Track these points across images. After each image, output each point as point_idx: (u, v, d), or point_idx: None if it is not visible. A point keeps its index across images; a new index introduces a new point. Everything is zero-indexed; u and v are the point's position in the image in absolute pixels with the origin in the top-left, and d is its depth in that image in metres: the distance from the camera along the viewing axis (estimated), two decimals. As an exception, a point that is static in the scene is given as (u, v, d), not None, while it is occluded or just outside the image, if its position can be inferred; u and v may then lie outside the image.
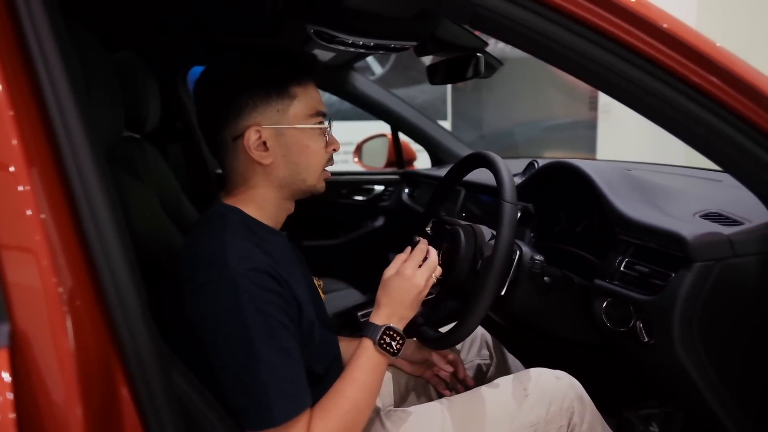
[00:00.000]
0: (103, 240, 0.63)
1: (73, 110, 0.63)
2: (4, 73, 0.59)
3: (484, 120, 5.64)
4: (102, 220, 0.63)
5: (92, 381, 0.59)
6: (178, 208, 1.79)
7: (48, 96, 0.62)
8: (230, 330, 0.82)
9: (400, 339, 0.96)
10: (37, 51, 0.62)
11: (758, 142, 0.78)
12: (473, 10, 0.79)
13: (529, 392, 1.05)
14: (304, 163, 0.95)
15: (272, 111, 0.92)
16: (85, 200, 0.63)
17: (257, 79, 0.92)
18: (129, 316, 0.62)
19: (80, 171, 0.63)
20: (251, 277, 0.83)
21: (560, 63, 0.85)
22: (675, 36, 0.78)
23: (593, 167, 1.24)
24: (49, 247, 0.59)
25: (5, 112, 0.59)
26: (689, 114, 0.80)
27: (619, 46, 0.80)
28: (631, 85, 0.81)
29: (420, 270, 0.98)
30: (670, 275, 0.96)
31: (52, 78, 0.62)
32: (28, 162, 0.59)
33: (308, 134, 0.95)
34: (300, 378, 0.86)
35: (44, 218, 0.59)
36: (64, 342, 0.57)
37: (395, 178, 2.62)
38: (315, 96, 0.97)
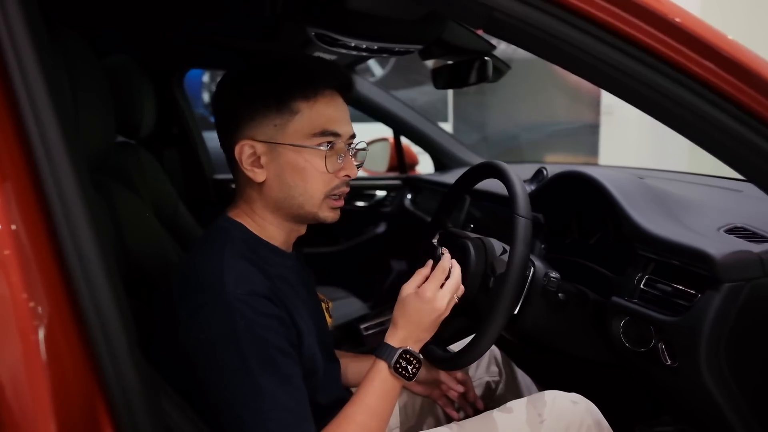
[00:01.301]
0: (85, 263, 0.58)
1: (51, 118, 0.59)
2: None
3: (485, 122, 5.59)
4: (83, 242, 0.58)
5: (74, 426, 0.53)
6: (175, 215, 1.74)
7: (23, 104, 0.58)
8: (225, 359, 0.76)
9: (417, 363, 0.90)
10: (11, 56, 0.57)
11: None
12: (488, 14, 0.74)
13: (545, 417, 1.00)
14: (301, 187, 0.88)
15: (269, 125, 0.86)
16: (64, 217, 0.58)
17: (257, 89, 0.86)
18: (113, 348, 0.57)
19: (58, 185, 0.58)
20: (249, 301, 0.78)
21: (579, 69, 0.80)
22: (708, 43, 0.73)
23: (608, 176, 1.18)
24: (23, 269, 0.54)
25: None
26: (719, 124, 0.75)
27: (644, 53, 0.75)
28: (654, 92, 0.76)
29: (441, 291, 0.91)
30: (696, 296, 0.90)
31: (28, 85, 0.58)
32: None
33: (307, 155, 0.87)
34: (301, 406, 0.81)
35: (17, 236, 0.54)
36: (43, 383, 0.52)
37: (397, 183, 2.56)
38: (325, 113, 0.87)
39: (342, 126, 0.89)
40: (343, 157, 0.89)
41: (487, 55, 1.50)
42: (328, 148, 0.88)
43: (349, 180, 0.92)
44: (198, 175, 2.33)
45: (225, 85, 0.91)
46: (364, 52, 1.50)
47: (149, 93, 1.55)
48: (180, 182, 2.20)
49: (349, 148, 0.91)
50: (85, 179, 0.61)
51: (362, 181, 2.67)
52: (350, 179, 0.92)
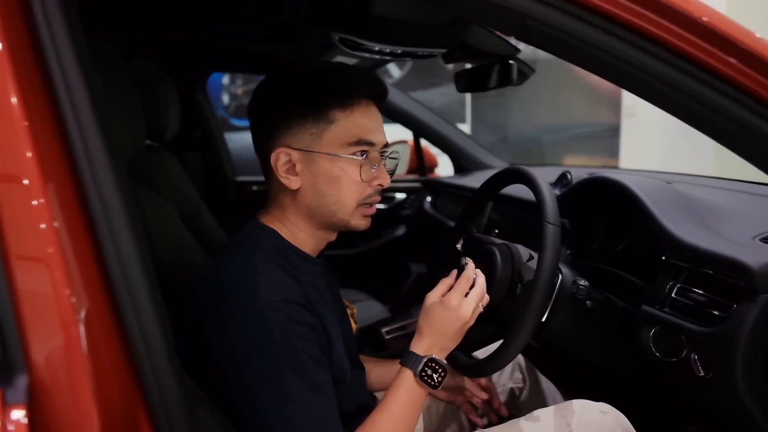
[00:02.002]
0: (123, 261, 0.59)
1: (91, 122, 0.60)
2: (20, 84, 0.57)
3: (503, 124, 5.56)
4: (122, 242, 0.59)
5: (114, 418, 0.54)
6: (197, 218, 1.75)
7: (66, 108, 0.59)
8: (259, 367, 0.76)
9: (442, 371, 0.89)
10: (54, 62, 0.59)
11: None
12: (521, 21, 0.73)
13: (573, 427, 0.98)
14: (334, 195, 0.88)
15: (305, 134, 0.86)
16: (104, 220, 0.59)
17: (295, 98, 0.86)
18: (154, 359, 0.57)
19: (99, 187, 0.59)
20: (283, 308, 0.78)
21: (613, 75, 0.79)
22: (748, 48, 0.71)
23: (637, 183, 1.16)
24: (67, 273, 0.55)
25: (20, 123, 0.56)
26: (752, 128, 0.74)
27: (681, 59, 0.74)
28: (691, 99, 0.75)
29: (466, 300, 0.91)
30: (731, 306, 0.88)
31: (70, 89, 0.59)
32: (44, 175, 0.56)
33: (341, 164, 0.87)
34: (330, 414, 0.81)
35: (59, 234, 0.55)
36: (85, 392, 0.52)
37: (417, 185, 2.55)
38: (361, 123, 0.88)
39: (376, 135, 0.89)
40: (376, 166, 0.90)
41: (512, 59, 1.49)
42: (363, 157, 0.88)
43: (381, 189, 0.92)
44: (220, 177, 2.35)
45: (262, 92, 0.91)
46: (388, 56, 1.50)
47: (174, 97, 1.57)
48: (202, 184, 2.22)
49: (383, 157, 0.91)
50: (123, 181, 0.62)
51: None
52: (383, 188, 0.92)
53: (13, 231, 0.54)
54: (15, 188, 0.55)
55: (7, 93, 0.56)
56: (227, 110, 5.39)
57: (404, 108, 2.35)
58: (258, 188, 2.48)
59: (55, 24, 0.58)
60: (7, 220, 0.54)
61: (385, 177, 0.91)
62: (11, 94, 0.56)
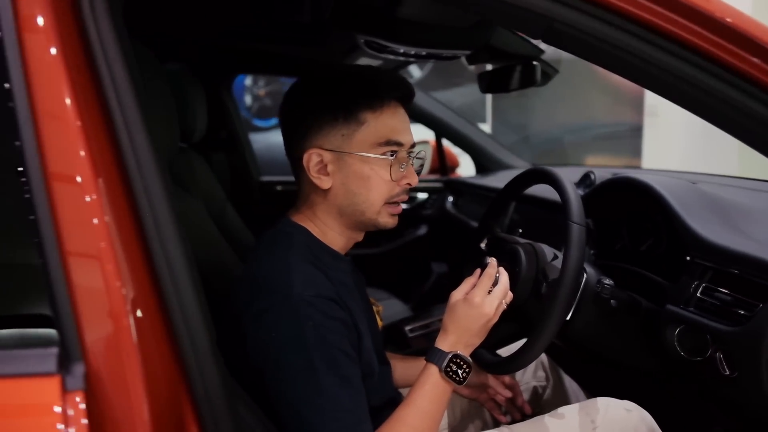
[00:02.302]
0: (169, 257, 0.62)
1: (137, 122, 0.63)
2: (72, 86, 0.60)
3: (524, 123, 5.53)
4: (168, 236, 0.63)
5: (163, 421, 0.57)
6: (223, 217, 1.79)
7: (114, 108, 0.62)
8: (293, 360, 0.79)
9: (467, 367, 0.91)
10: (104, 65, 0.62)
11: None
12: (548, 25, 0.75)
13: (597, 425, 1.00)
14: (363, 194, 0.90)
15: (336, 135, 0.89)
16: (151, 215, 0.62)
17: (326, 100, 0.89)
18: (199, 355, 0.60)
19: (145, 183, 0.62)
20: (317, 304, 0.81)
21: (640, 78, 0.80)
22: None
23: (662, 183, 1.17)
24: (118, 269, 0.58)
25: (73, 123, 0.59)
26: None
27: (707, 61, 0.75)
28: (717, 100, 0.76)
29: (489, 297, 0.92)
30: (757, 305, 0.89)
31: (118, 91, 0.62)
32: (95, 172, 0.59)
33: (372, 164, 0.89)
34: (360, 408, 0.83)
35: (110, 229, 0.58)
36: (136, 379, 0.56)
37: (438, 185, 2.57)
38: (390, 124, 0.90)
39: (405, 136, 0.92)
40: (404, 165, 0.92)
41: (535, 59, 1.50)
42: (393, 157, 0.90)
43: (409, 188, 0.95)
44: (245, 177, 2.39)
45: (294, 94, 0.94)
46: (412, 57, 1.52)
47: (201, 99, 1.61)
48: (227, 184, 2.27)
49: (410, 157, 0.93)
50: (167, 179, 0.65)
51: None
52: (411, 187, 0.94)
53: (68, 226, 0.57)
54: (69, 185, 0.58)
55: (61, 94, 0.59)
56: (250, 111, 5.46)
57: (426, 108, 2.37)
58: (282, 188, 2.52)
59: (103, 30, 0.62)
60: (63, 216, 0.58)
61: (413, 176, 0.94)
62: (65, 96, 0.59)
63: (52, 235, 0.56)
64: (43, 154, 0.58)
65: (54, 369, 0.53)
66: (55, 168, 0.58)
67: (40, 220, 0.56)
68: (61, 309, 0.55)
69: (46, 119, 0.59)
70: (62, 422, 0.52)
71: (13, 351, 0.56)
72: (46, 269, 0.56)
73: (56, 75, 0.59)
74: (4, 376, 0.54)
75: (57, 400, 0.52)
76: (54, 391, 0.52)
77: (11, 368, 0.54)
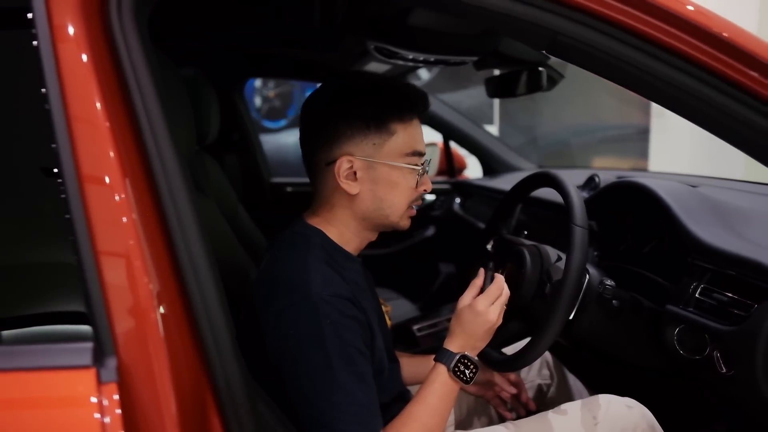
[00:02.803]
0: (192, 254, 0.65)
1: (162, 125, 0.67)
2: (102, 91, 0.63)
3: (532, 125, 5.55)
4: (190, 235, 0.66)
5: (188, 411, 0.61)
6: (235, 218, 1.84)
7: (140, 112, 0.66)
8: (311, 355, 0.83)
9: (474, 367, 0.96)
10: (130, 71, 0.66)
11: None
12: (553, 37, 0.78)
13: (599, 420, 1.03)
14: (390, 200, 0.95)
15: (368, 144, 0.93)
16: (175, 214, 0.65)
17: (359, 110, 0.93)
18: (221, 350, 0.64)
19: (169, 183, 0.66)
20: (334, 303, 0.84)
21: (643, 90, 0.83)
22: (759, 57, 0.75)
23: (664, 187, 1.20)
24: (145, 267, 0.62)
25: (103, 125, 0.63)
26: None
27: (709, 74, 0.78)
28: (722, 114, 0.79)
29: (493, 306, 0.98)
30: (753, 306, 0.92)
31: (144, 95, 0.66)
32: (123, 173, 0.63)
33: (400, 172, 0.94)
34: (373, 403, 0.87)
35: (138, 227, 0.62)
36: (163, 372, 0.60)
37: (446, 187, 2.61)
38: (415, 135, 0.96)
39: (423, 146, 0.98)
40: (422, 173, 0.97)
41: (542, 66, 1.54)
42: (419, 167, 0.96)
43: (425, 193, 1.00)
44: (256, 178, 2.43)
45: (322, 101, 0.97)
46: (421, 63, 1.56)
47: (215, 102, 1.65)
48: (239, 186, 2.32)
49: (426, 164, 0.98)
50: (189, 179, 0.69)
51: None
52: (426, 192, 1.00)
53: (99, 225, 0.61)
54: (100, 185, 0.62)
55: (92, 98, 0.63)
56: (259, 113, 5.51)
57: (433, 111, 2.41)
58: (292, 189, 2.56)
59: (130, 38, 0.65)
60: (94, 214, 0.61)
61: (428, 183, 0.99)
62: (96, 100, 0.63)
63: (86, 233, 0.60)
64: (77, 155, 0.61)
65: (90, 362, 0.57)
66: (87, 169, 0.62)
67: (74, 219, 0.60)
68: (95, 305, 0.59)
69: (78, 122, 0.62)
70: (98, 412, 0.56)
71: (50, 345, 0.60)
72: (81, 266, 0.60)
73: (87, 80, 0.63)
74: (43, 368, 0.58)
75: (93, 392, 0.56)
76: (90, 383, 0.56)
77: (50, 361, 0.58)
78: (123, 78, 0.66)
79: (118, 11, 0.65)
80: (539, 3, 0.74)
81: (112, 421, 0.55)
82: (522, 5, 0.74)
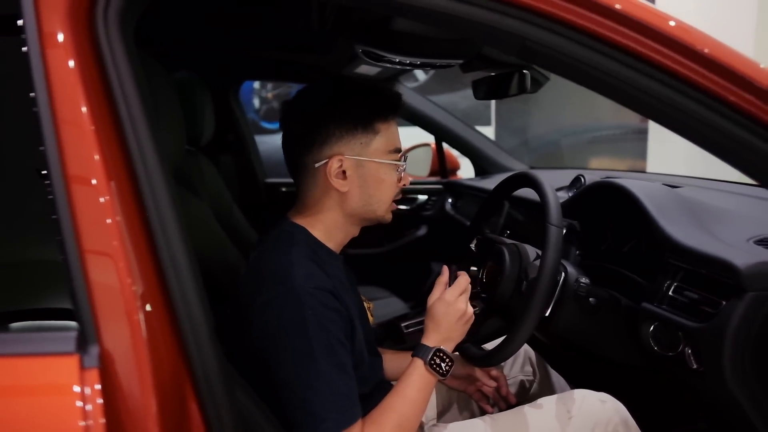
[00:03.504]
0: (173, 254, 0.68)
1: (145, 129, 0.69)
2: (87, 95, 0.66)
3: (529, 126, 5.58)
4: (171, 236, 0.68)
5: (167, 398, 0.64)
6: (230, 218, 1.88)
7: (124, 117, 0.68)
8: (294, 344, 0.86)
9: (449, 361, 0.99)
10: (115, 77, 0.68)
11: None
12: (521, 44, 0.81)
13: (573, 414, 1.06)
14: (377, 196, 1.00)
15: (356, 143, 0.97)
16: (156, 215, 0.68)
17: (347, 111, 0.97)
18: (199, 341, 0.67)
19: (152, 186, 0.68)
20: (316, 295, 0.88)
21: (607, 91, 0.86)
22: (723, 64, 0.78)
23: (642, 187, 1.23)
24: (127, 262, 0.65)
25: (88, 128, 0.65)
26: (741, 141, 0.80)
27: (671, 77, 0.80)
28: (684, 114, 0.82)
29: (462, 297, 1.02)
30: (721, 303, 0.95)
31: (127, 101, 0.68)
32: (108, 175, 0.66)
33: (385, 168, 0.99)
34: (353, 392, 0.91)
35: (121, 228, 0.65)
36: (144, 361, 0.63)
37: (438, 187, 2.64)
38: (395, 133, 1.02)
39: (401, 143, 1.03)
40: (402, 169, 1.02)
41: (526, 68, 1.56)
42: (402, 163, 1.02)
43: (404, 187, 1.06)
44: (251, 179, 2.47)
45: (311, 104, 1.00)
46: (408, 66, 1.59)
47: (209, 105, 1.69)
48: (235, 186, 2.36)
49: (404, 161, 1.04)
50: (171, 182, 0.72)
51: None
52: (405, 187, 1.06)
53: (85, 225, 0.64)
54: (86, 187, 0.65)
55: (78, 102, 0.65)
56: (258, 113, 5.56)
57: (425, 112, 2.43)
58: (287, 189, 2.60)
59: (115, 46, 0.68)
60: (80, 215, 0.64)
61: (407, 178, 1.05)
62: (81, 104, 0.65)
63: (71, 231, 0.63)
64: (63, 157, 0.64)
65: (73, 349, 0.60)
66: (73, 171, 0.64)
67: (61, 219, 0.63)
68: (79, 297, 0.62)
69: (64, 125, 0.65)
70: (80, 397, 0.59)
71: (37, 333, 0.64)
72: (66, 262, 0.63)
73: (73, 85, 0.65)
74: (30, 354, 0.61)
75: (75, 377, 0.59)
76: (73, 369, 0.59)
77: (36, 348, 0.62)
78: (108, 83, 0.68)
79: (104, 20, 0.68)
80: (503, 9, 0.76)
81: (94, 405, 0.58)
82: (488, 12, 0.76)
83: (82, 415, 0.59)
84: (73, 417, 0.59)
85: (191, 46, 1.95)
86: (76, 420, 0.59)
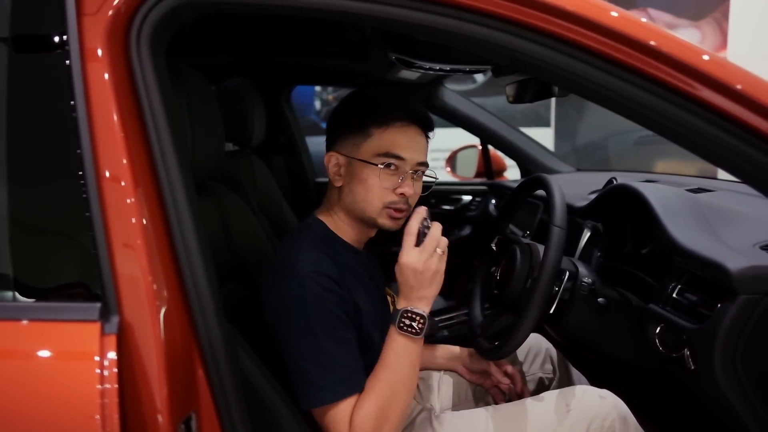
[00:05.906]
0: (188, 248, 0.79)
1: (167, 138, 0.79)
2: (119, 106, 0.77)
3: (590, 126, 5.42)
4: (187, 234, 0.79)
5: (177, 364, 0.76)
6: (279, 215, 2.02)
7: (150, 127, 0.79)
8: (297, 321, 0.97)
9: (421, 319, 0.97)
10: (143, 91, 0.79)
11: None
12: (512, 55, 0.87)
13: (571, 408, 1.10)
14: (361, 195, 1.07)
15: (349, 143, 1.08)
16: (174, 212, 0.78)
17: (345, 114, 1.10)
18: (205, 314, 0.79)
19: (171, 189, 0.78)
20: (315, 278, 0.98)
21: (596, 100, 0.90)
22: (708, 74, 0.80)
23: (653, 191, 1.25)
24: (149, 251, 0.76)
25: (119, 135, 0.76)
26: (732, 148, 0.82)
27: (658, 86, 0.83)
28: (662, 117, 0.84)
29: (423, 248, 0.96)
30: (716, 305, 0.96)
31: (153, 112, 0.79)
32: (134, 178, 0.76)
33: (370, 170, 1.05)
34: (354, 363, 0.98)
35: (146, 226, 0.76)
36: (158, 330, 0.75)
37: (483, 188, 2.68)
38: (395, 140, 1.05)
39: (408, 152, 1.06)
40: (403, 178, 1.06)
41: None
42: (390, 168, 1.05)
43: (407, 198, 1.07)
44: (301, 179, 2.62)
45: (335, 107, 1.15)
46: (439, 72, 1.67)
47: (259, 109, 1.83)
48: (286, 185, 2.51)
49: (415, 173, 1.08)
50: (191, 187, 0.82)
51: (450, 185, 2.82)
52: (407, 198, 1.06)
53: (114, 222, 0.75)
54: (116, 187, 0.75)
55: (111, 111, 0.76)
56: (319, 115, 5.76)
57: (471, 116, 2.48)
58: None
59: (145, 63, 0.79)
60: (111, 213, 0.75)
61: (408, 188, 1.05)
62: (114, 113, 0.76)
63: (101, 222, 0.74)
64: (97, 161, 0.74)
65: (97, 317, 0.72)
66: (105, 173, 0.75)
67: (93, 217, 0.74)
68: (105, 277, 0.74)
69: (98, 131, 0.75)
70: (99, 354, 0.71)
71: (66, 303, 0.76)
72: (96, 249, 0.74)
73: (107, 95, 0.76)
74: (62, 320, 0.74)
75: (97, 340, 0.71)
76: (95, 334, 0.72)
77: (66, 315, 0.74)
78: (137, 95, 0.79)
79: (137, 40, 0.80)
80: (492, 24, 0.83)
81: (110, 361, 0.71)
82: (476, 26, 0.83)
83: (100, 367, 0.71)
84: (92, 371, 0.71)
85: (246, 56, 2.12)
86: (95, 368, 0.71)
